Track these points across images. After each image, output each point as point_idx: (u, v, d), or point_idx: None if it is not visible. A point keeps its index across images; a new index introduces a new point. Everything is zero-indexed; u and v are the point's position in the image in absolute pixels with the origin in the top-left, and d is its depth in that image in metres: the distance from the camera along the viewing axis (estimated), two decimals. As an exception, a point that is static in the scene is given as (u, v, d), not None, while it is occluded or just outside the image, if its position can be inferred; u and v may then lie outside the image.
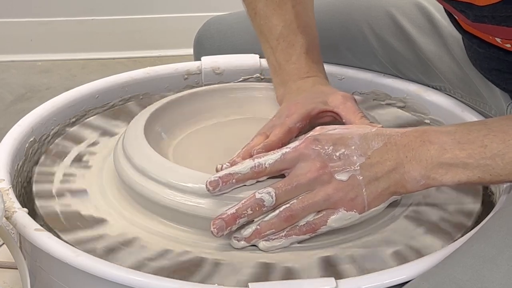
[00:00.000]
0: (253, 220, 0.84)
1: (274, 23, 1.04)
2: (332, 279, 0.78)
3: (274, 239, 0.84)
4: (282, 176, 0.85)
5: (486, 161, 0.82)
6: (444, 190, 0.95)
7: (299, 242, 0.85)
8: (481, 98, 1.08)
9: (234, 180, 0.84)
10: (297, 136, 0.94)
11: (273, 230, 0.84)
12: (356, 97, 1.14)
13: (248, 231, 0.84)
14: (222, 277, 0.82)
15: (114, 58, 2.58)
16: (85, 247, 0.86)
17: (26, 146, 1.02)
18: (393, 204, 0.89)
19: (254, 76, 1.17)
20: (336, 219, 0.84)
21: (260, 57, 1.16)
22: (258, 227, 0.84)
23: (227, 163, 0.88)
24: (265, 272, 0.82)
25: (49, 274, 0.85)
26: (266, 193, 0.83)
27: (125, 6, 2.60)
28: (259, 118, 1.04)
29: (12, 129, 1.02)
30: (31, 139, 1.02)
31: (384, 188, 0.84)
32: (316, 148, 0.83)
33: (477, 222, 0.89)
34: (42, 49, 2.56)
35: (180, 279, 0.80)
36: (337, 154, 0.83)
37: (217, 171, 0.88)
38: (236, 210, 0.83)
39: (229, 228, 0.83)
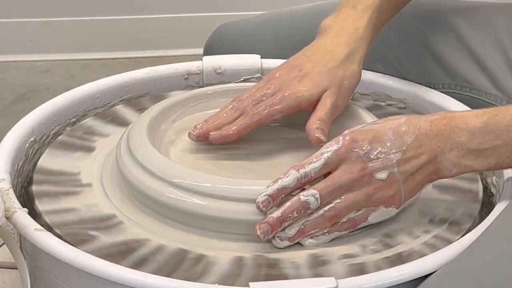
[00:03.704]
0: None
1: None
2: (333, 278, 0.78)
3: (318, 235, 0.86)
4: None
5: None
6: (444, 190, 0.95)
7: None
8: (495, 88, 1.10)
9: (283, 195, 0.85)
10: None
11: (317, 229, 0.85)
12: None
13: (292, 231, 0.85)
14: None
15: (114, 58, 2.58)
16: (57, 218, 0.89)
17: (26, 146, 1.01)
18: None
19: (255, 76, 1.17)
20: (376, 215, 0.86)
21: (261, 58, 1.16)
22: (302, 227, 0.85)
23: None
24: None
25: (49, 274, 0.85)
26: (311, 195, 0.84)
27: (125, 6, 2.60)
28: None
29: (12, 129, 1.02)
30: (31, 139, 1.02)
31: (419, 181, 0.86)
32: (355, 150, 0.85)
33: (477, 223, 0.89)
34: (42, 49, 2.56)
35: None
36: (375, 153, 0.85)
37: (189, 135, 0.96)
38: (281, 213, 0.84)
39: (274, 232, 0.85)
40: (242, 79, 1.16)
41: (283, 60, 1.03)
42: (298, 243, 0.86)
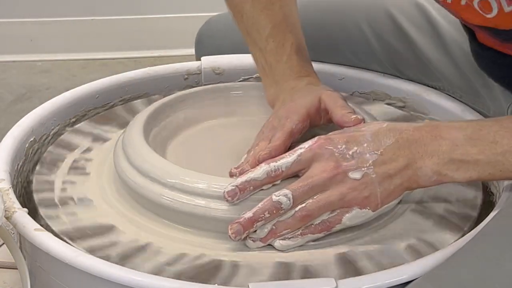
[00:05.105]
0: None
1: (262, 23, 1.03)
2: (332, 279, 0.78)
3: (290, 238, 0.85)
4: (295, 175, 0.85)
5: (497, 157, 0.82)
6: (444, 189, 0.95)
7: (314, 240, 0.86)
8: (480, 98, 1.08)
9: (251, 187, 0.84)
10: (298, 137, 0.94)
11: (289, 230, 0.84)
12: (357, 98, 1.15)
13: (264, 231, 0.84)
14: (242, 278, 0.81)
15: (114, 58, 2.58)
16: (99, 254, 0.85)
17: (26, 146, 1.02)
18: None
19: (254, 76, 1.17)
20: (350, 217, 0.84)
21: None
22: (273, 227, 0.84)
23: (234, 169, 0.88)
24: (284, 271, 0.82)
25: (49, 274, 0.85)
26: (283, 195, 0.83)
27: (125, 6, 2.60)
28: (259, 118, 1.04)
29: (12, 129, 1.02)
30: (31, 139, 1.02)
31: (397, 185, 0.84)
32: (329, 147, 0.84)
33: (476, 223, 0.89)
34: (42, 49, 2.56)
35: (201, 282, 0.79)
36: (350, 152, 0.84)
37: (231, 175, 0.88)
38: (253, 214, 0.83)
39: (246, 232, 0.84)
40: (241, 79, 1.17)
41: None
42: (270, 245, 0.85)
